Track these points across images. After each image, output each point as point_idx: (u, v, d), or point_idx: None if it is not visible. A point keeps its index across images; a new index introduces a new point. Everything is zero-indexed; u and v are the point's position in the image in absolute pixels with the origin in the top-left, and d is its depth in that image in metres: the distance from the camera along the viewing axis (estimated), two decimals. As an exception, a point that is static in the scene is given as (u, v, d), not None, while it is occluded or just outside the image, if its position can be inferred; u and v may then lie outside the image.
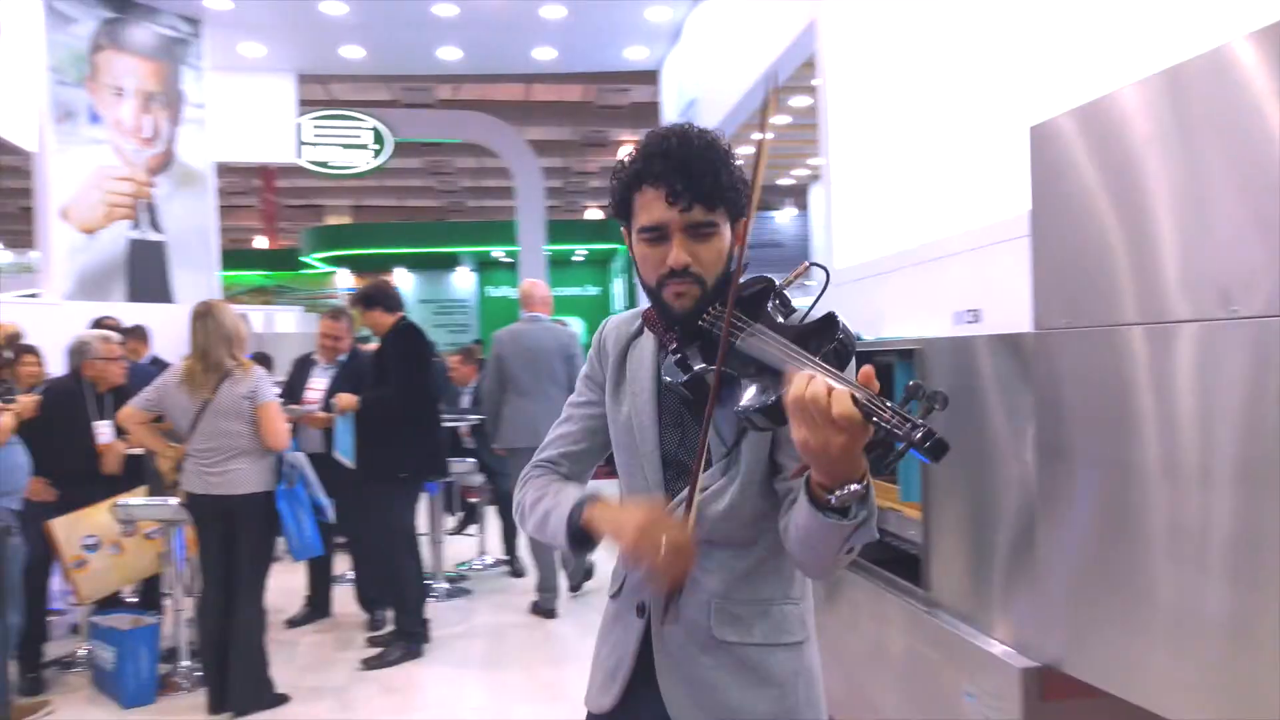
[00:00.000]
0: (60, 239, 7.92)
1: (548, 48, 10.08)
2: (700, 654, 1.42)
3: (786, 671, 1.43)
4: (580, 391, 1.61)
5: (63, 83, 8.06)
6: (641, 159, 1.39)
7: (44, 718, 4.02)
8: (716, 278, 1.39)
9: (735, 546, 1.43)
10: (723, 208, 1.39)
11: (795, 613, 1.47)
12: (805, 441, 1.08)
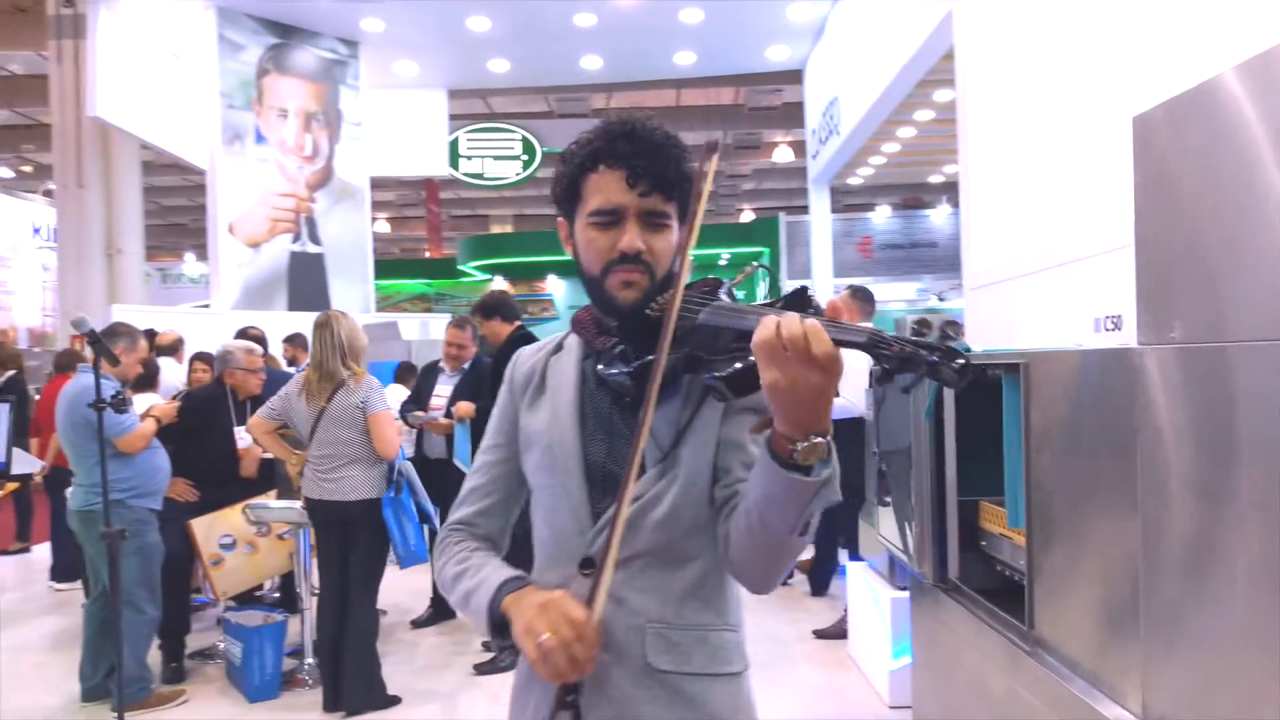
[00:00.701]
0: (228, 252, 8.49)
1: (688, 52, 10.04)
2: (632, 688, 1.29)
3: (726, 707, 1.32)
4: (489, 435, 1.50)
5: (232, 106, 8.65)
6: (601, 140, 1.33)
7: (178, 705, 4.26)
8: (662, 275, 1.32)
9: (670, 562, 1.31)
10: (675, 202, 1.33)
11: (734, 640, 1.36)
12: (775, 382, 1.03)
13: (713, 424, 1.31)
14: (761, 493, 1.15)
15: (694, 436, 1.31)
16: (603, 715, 1.29)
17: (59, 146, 10.78)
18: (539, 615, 1.17)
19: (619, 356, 1.31)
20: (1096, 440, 2.18)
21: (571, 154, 1.36)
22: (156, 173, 16.99)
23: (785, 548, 1.20)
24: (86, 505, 4.14)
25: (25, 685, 4.57)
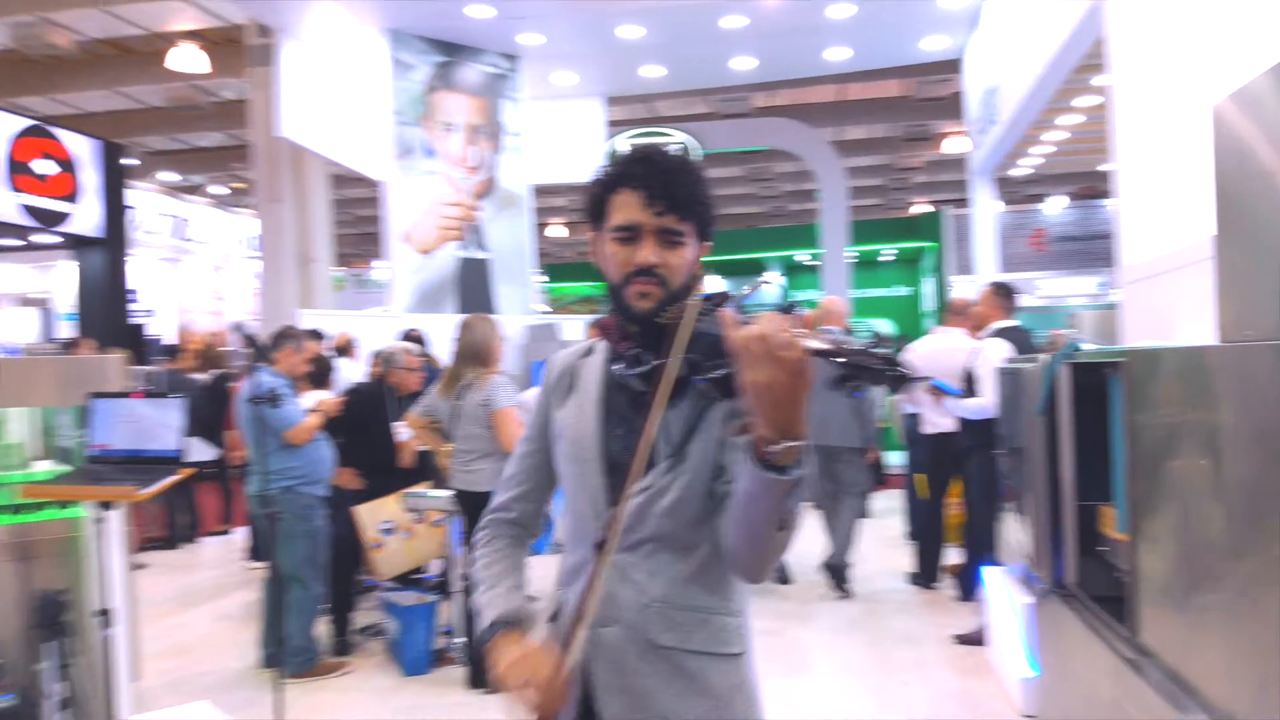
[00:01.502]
0: (402, 259, 9.10)
1: (841, 47, 9.92)
2: (637, 661, 1.44)
3: (725, 684, 1.46)
4: (527, 431, 1.68)
5: (403, 123, 9.26)
6: (623, 165, 1.50)
7: (342, 675, 4.68)
8: (678, 288, 1.45)
9: (677, 549, 1.46)
10: (692, 223, 1.48)
11: (734, 625, 1.49)
12: (751, 381, 1.15)
13: (718, 424, 1.44)
14: (743, 489, 1.28)
15: (701, 435, 1.44)
16: (610, 684, 1.44)
17: (258, 165, 11.85)
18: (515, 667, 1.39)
19: (635, 359, 1.45)
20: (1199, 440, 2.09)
21: (600, 175, 1.53)
22: (349, 186, 18.28)
23: (768, 541, 1.30)
24: (261, 490, 4.61)
25: (216, 651, 5.13)
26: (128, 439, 3.57)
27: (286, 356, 4.84)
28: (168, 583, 6.71)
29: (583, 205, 1.56)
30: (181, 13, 12.18)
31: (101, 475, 3.46)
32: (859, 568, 6.60)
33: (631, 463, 1.41)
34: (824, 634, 5.21)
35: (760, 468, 1.20)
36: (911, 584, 6.09)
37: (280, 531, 4.58)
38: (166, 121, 16.66)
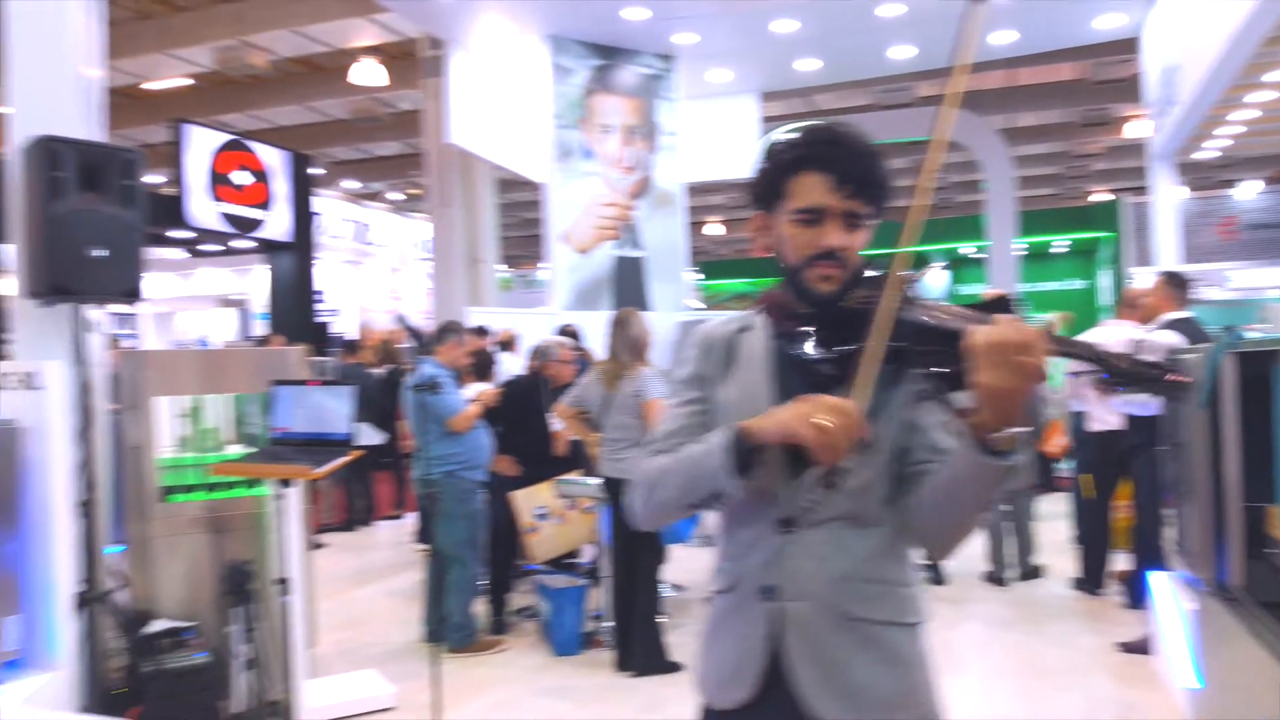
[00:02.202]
0: (561, 259, 9.40)
1: (1007, 31, 9.54)
2: (830, 633, 1.47)
3: (909, 651, 1.50)
4: (680, 394, 1.63)
5: (563, 126, 9.55)
6: (809, 145, 1.49)
7: (498, 652, 4.91)
8: (854, 269, 1.48)
9: (863, 526, 1.48)
10: (874, 205, 1.49)
11: (913, 596, 1.53)
12: (990, 383, 1.21)
13: (903, 408, 1.47)
14: (955, 471, 1.33)
15: (888, 417, 1.46)
16: (804, 655, 1.47)
17: (430, 171, 12.49)
18: (811, 407, 1.32)
19: (813, 340, 1.46)
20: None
21: (776, 155, 1.52)
22: (517, 189, 18.98)
23: (968, 522, 1.39)
24: (425, 474, 4.90)
25: (385, 625, 5.49)
26: (305, 423, 3.89)
27: (449, 349, 5.13)
28: (344, 561, 7.21)
29: (754, 185, 1.55)
30: (363, 30, 12.99)
31: (281, 455, 3.78)
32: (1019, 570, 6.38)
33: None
34: (976, 636, 5.06)
35: (980, 453, 1.27)
36: (1076, 589, 5.81)
37: (441, 514, 4.86)
38: (349, 133, 17.78)
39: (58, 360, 3.53)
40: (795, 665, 1.47)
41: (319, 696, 4.04)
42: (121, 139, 18.29)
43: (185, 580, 4.07)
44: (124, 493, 4.08)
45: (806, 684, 1.46)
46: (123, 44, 13.52)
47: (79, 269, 3.52)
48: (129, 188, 3.69)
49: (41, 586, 3.38)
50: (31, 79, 3.82)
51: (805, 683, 1.46)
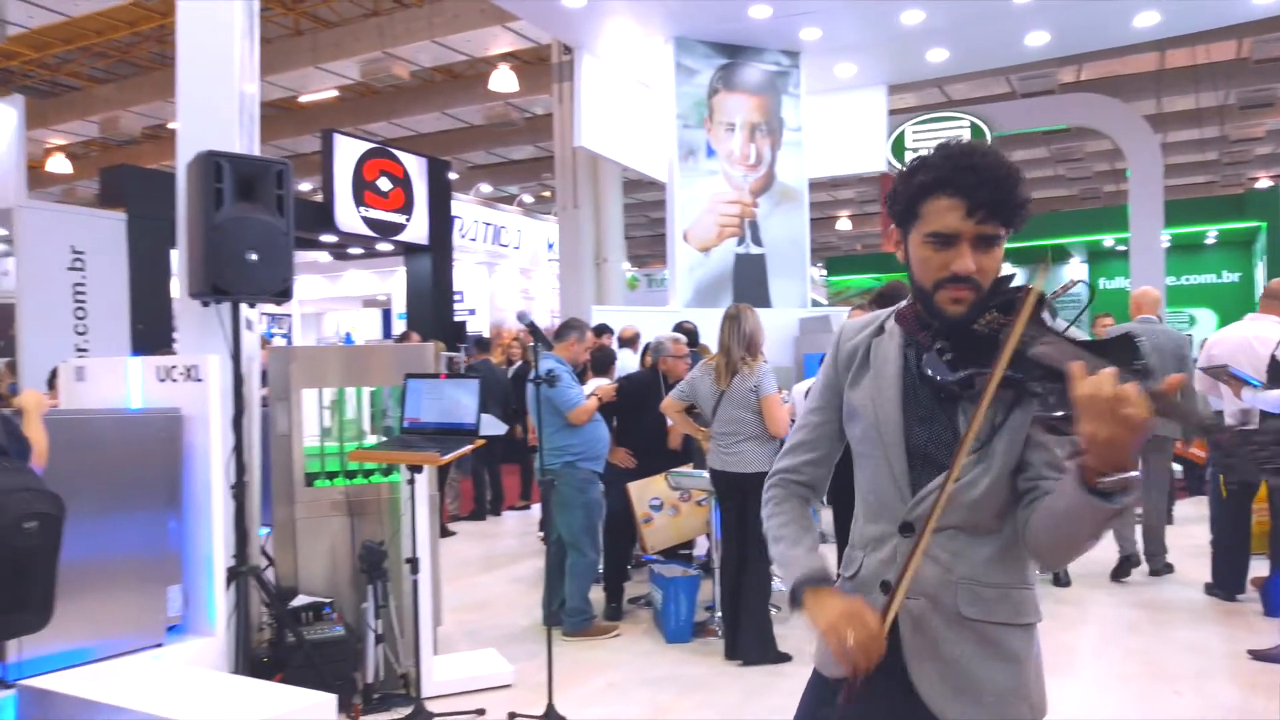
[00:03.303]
0: (682, 257, 9.55)
1: (1150, 12, 9.11)
2: (946, 630, 1.55)
3: (1022, 649, 1.56)
4: (814, 398, 1.76)
5: (687, 126, 9.69)
6: (945, 168, 1.49)
7: (612, 637, 5.10)
8: (987, 287, 1.50)
9: (981, 534, 1.55)
10: (1008, 227, 1.50)
11: (1030, 597, 1.57)
12: (1093, 434, 1.23)
13: (1023, 426, 1.50)
14: (1066, 505, 1.37)
15: (1006, 435, 1.51)
16: (922, 652, 1.57)
17: (560, 173, 12.87)
18: (843, 619, 1.47)
19: (941, 358, 1.51)
20: None
21: (911, 174, 1.54)
22: (644, 190, 19.28)
23: (1080, 549, 1.45)
24: (545, 465, 5.12)
25: (507, 608, 5.77)
26: (435, 413, 4.16)
27: (569, 345, 5.35)
28: (472, 548, 7.58)
29: (890, 203, 1.58)
30: (499, 38, 13.49)
31: (412, 444, 4.06)
32: (1146, 574, 6.18)
33: (934, 453, 1.55)
34: (1097, 639, 4.93)
35: (1088, 493, 1.29)
36: (1209, 595, 5.58)
37: (559, 503, 5.09)
38: (485, 137, 18.46)
39: (216, 354, 3.90)
40: (911, 661, 1.56)
41: (443, 671, 4.32)
42: (276, 150, 19.54)
43: (325, 559, 4.41)
44: (272, 478, 4.47)
45: (925, 679, 1.55)
46: (278, 60, 14.47)
47: (236, 271, 3.88)
48: (280, 197, 4.04)
49: (200, 560, 3.76)
50: (196, 100, 4.25)
51: (923, 678, 1.55)
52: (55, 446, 2.97)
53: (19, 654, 3.15)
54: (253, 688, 3.23)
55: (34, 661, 3.18)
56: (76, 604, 3.27)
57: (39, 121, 16.44)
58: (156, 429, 3.71)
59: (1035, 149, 19.92)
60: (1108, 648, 4.78)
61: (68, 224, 8.44)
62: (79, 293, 8.25)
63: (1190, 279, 12.88)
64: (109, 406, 3.94)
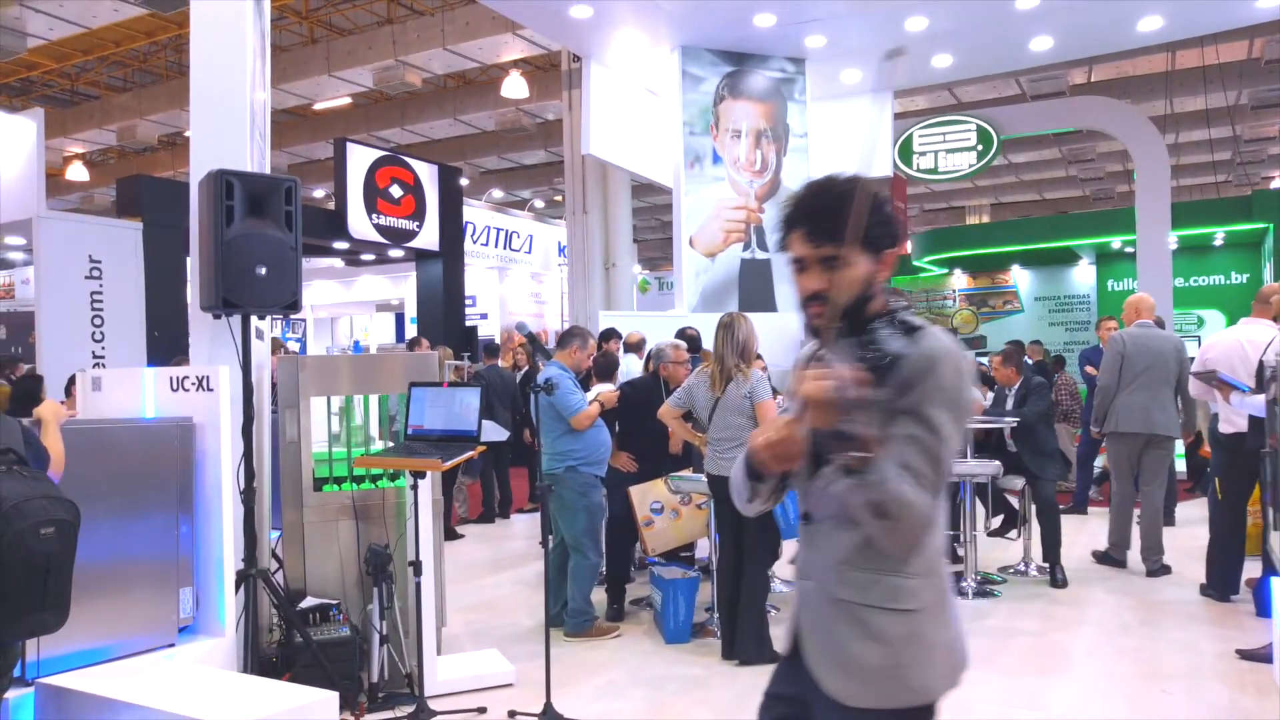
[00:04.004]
0: (689, 263, 9.66)
1: (1153, 17, 9.16)
2: (827, 609, 1.75)
3: (895, 633, 1.68)
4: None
5: (693, 133, 9.81)
6: (790, 207, 1.77)
7: (613, 637, 5.22)
8: (849, 302, 1.69)
9: (848, 524, 1.70)
10: (860, 246, 1.67)
11: (908, 585, 1.70)
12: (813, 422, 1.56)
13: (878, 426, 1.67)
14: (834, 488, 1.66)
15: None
16: (810, 626, 1.78)
17: (569, 179, 13.02)
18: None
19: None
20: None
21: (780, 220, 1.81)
22: (655, 193, 19.39)
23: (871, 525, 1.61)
24: (548, 469, 5.26)
25: (513, 609, 5.89)
26: (438, 421, 4.29)
27: (572, 352, 5.47)
28: (480, 550, 7.72)
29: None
30: (510, 45, 13.64)
31: (415, 450, 4.19)
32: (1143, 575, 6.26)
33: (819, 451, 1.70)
34: (1090, 638, 5.02)
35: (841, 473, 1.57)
36: (1204, 595, 5.65)
37: (562, 506, 5.21)
38: (498, 143, 18.64)
39: (227, 365, 4.05)
40: (804, 635, 1.80)
41: (446, 671, 4.45)
42: (290, 156, 19.78)
43: (333, 562, 4.55)
44: (281, 483, 4.61)
45: (812, 652, 1.77)
46: (294, 69, 14.70)
47: (246, 285, 4.01)
48: (289, 213, 4.17)
49: (211, 563, 3.91)
50: (208, 119, 4.39)
51: (811, 651, 1.77)
52: (73, 454, 3.12)
53: (37, 653, 3.30)
54: (259, 686, 3.37)
55: (52, 661, 3.33)
56: (92, 605, 3.42)
57: (58, 130, 16.73)
58: (169, 437, 3.86)
59: (1047, 150, 19.94)
60: (1101, 648, 4.86)
61: (86, 234, 8.65)
62: (96, 301, 8.44)
63: (1199, 280, 12.89)
64: (124, 415, 4.09)
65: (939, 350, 1.65)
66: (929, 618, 1.70)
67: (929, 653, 1.70)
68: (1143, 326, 6.46)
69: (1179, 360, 6.31)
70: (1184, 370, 6.22)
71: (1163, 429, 6.25)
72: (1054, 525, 6.16)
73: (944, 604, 1.73)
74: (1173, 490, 8.33)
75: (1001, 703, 4.15)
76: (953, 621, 1.74)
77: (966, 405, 1.68)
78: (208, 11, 4.43)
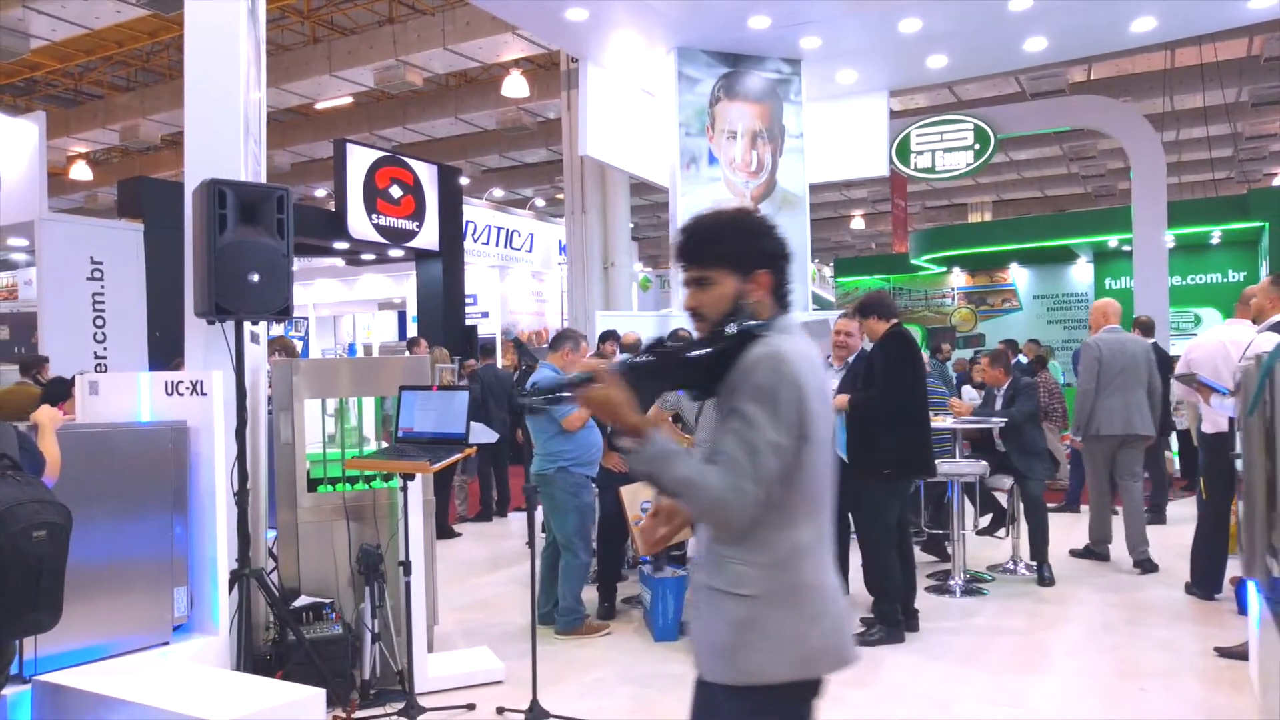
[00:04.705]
0: (685, 262, 9.72)
1: (1146, 18, 9.20)
2: (697, 590, 1.96)
3: (735, 616, 1.83)
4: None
5: (689, 134, 9.87)
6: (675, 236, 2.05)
7: (603, 635, 5.31)
8: (719, 316, 1.92)
9: None
10: (722, 268, 1.93)
11: (749, 573, 1.83)
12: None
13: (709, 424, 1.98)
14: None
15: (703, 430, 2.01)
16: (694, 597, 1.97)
17: (568, 178, 13.08)
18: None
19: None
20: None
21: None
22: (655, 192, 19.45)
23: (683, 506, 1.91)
24: (539, 470, 5.34)
25: (507, 607, 5.98)
26: (428, 423, 4.38)
27: (564, 354, 5.55)
28: (477, 549, 7.81)
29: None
30: (511, 44, 13.71)
31: (405, 453, 4.28)
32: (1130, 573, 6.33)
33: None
34: (1073, 637, 5.09)
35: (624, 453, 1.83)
36: (1189, 594, 5.72)
37: (554, 506, 5.29)
38: (499, 141, 18.71)
39: (220, 370, 4.13)
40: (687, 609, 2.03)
41: (437, 668, 4.54)
42: (295, 155, 19.87)
43: (327, 562, 4.63)
44: (276, 484, 4.69)
45: (690, 627, 2.03)
46: (296, 68, 14.79)
47: (238, 292, 4.10)
48: (280, 220, 4.26)
49: (205, 563, 3.99)
50: (202, 129, 4.48)
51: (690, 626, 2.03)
52: (71, 457, 3.21)
53: (35, 651, 3.39)
54: (250, 683, 3.45)
55: (49, 659, 3.42)
56: (88, 604, 3.51)
57: (62, 130, 16.84)
58: (164, 440, 3.94)
59: (1048, 147, 19.96)
60: (1083, 646, 4.93)
61: (87, 235, 8.76)
62: (98, 302, 8.55)
63: (1195, 279, 12.93)
64: (120, 419, 4.18)
65: (761, 355, 1.80)
66: (767, 606, 1.82)
67: (761, 639, 1.81)
68: (1112, 331, 6.70)
69: (1149, 362, 6.62)
70: (1154, 371, 6.61)
71: (1140, 429, 6.49)
72: (1041, 524, 6.23)
73: (795, 598, 1.82)
74: (1163, 488, 8.41)
75: (983, 700, 4.22)
76: (811, 617, 1.83)
77: (786, 400, 1.78)
78: (201, 19, 4.51)
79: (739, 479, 1.74)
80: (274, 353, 6.76)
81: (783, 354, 1.81)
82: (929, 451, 5.23)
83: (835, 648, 1.86)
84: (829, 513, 1.93)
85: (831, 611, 1.86)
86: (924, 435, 5.22)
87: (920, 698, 4.30)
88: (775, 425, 1.76)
